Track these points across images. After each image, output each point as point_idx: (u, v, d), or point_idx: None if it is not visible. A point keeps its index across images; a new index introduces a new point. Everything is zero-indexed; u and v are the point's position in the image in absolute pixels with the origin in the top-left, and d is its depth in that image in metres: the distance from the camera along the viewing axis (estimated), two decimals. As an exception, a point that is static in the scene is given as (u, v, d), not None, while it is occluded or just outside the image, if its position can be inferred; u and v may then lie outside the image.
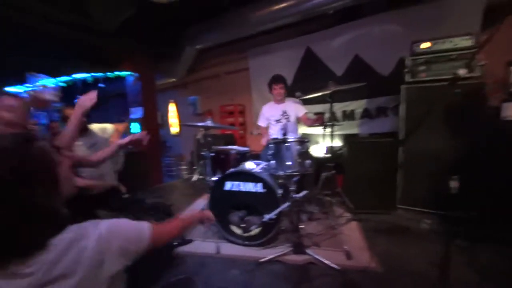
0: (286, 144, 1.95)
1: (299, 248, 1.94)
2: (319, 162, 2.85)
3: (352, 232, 2.36)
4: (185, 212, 3.07)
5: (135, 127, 5.05)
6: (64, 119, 2.43)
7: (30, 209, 0.56)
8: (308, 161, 2.03)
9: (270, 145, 2.11)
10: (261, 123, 3.24)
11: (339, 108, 3.87)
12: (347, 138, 3.55)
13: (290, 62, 4.27)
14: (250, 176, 2.08)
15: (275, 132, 3.03)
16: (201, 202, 3.39)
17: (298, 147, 1.99)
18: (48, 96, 1.24)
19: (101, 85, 5.12)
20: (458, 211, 1.62)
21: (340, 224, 2.45)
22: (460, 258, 1.85)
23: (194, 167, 5.02)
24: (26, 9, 3.13)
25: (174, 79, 5.67)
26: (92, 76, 5.05)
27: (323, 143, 2.90)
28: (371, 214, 2.75)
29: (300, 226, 1.97)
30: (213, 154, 2.68)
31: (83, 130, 2.41)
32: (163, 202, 2.58)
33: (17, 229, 0.55)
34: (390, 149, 2.81)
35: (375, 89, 3.62)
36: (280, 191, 2.04)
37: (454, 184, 1.25)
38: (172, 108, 6.64)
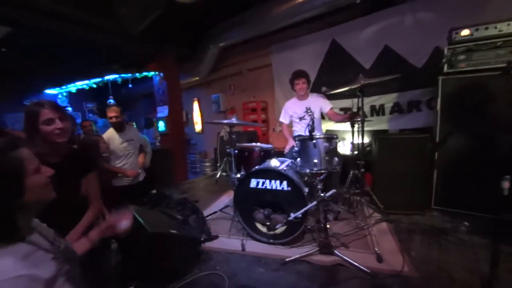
0: (313, 141, 1.89)
1: (326, 249, 1.88)
2: (346, 160, 2.74)
3: (382, 234, 2.24)
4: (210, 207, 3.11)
5: (161, 125, 5.23)
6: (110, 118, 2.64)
7: None
8: (336, 159, 1.95)
9: (296, 142, 2.05)
10: (283, 119, 3.13)
11: (367, 103, 3.68)
12: (376, 134, 3.37)
13: (315, 56, 4.14)
14: (275, 174, 2.05)
15: (298, 129, 2.95)
16: (226, 199, 3.42)
17: (325, 144, 1.92)
18: (124, 224, 1.13)
19: (129, 85, 5.35)
20: (506, 213, 1.46)
21: (369, 225, 2.34)
22: (504, 264, 1.67)
23: (218, 164, 5.09)
24: (59, 16, 3.33)
25: (197, 78, 5.78)
26: (121, 77, 5.29)
27: (349, 140, 2.78)
28: (403, 215, 2.61)
29: (327, 226, 1.89)
30: (237, 151, 2.68)
31: (121, 127, 2.67)
32: (189, 199, 2.64)
33: None
34: (424, 146, 2.62)
35: (407, 81, 3.39)
36: (306, 190, 1.99)
37: (505, 184, 1.12)
38: (196, 106, 6.79)
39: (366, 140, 3.66)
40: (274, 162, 2.23)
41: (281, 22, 4.01)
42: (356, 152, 2.65)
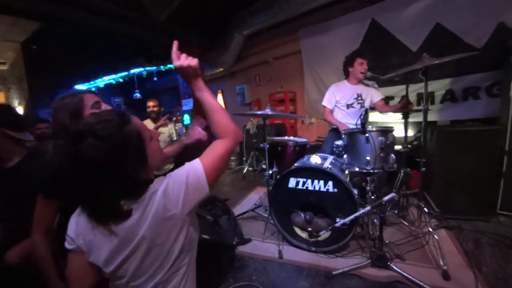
0: (366, 135, 1.59)
1: (380, 262, 1.60)
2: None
3: (443, 244, 1.90)
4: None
5: (186, 119, 5.13)
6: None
7: (119, 181, 0.63)
8: (393, 156, 1.64)
9: (343, 136, 1.76)
10: (328, 104, 2.66)
11: (413, 90, 3.23)
12: (432, 126, 2.93)
13: (351, 39, 3.71)
14: (319, 173, 1.78)
15: (340, 118, 2.59)
16: (255, 196, 3.22)
17: (381, 138, 1.61)
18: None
19: (154, 79, 5.30)
20: None
21: (425, 232, 2.01)
22: None
23: (244, 159, 4.90)
24: (84, 6, 3.26)
25: (221, 69, 5.57)
26: (146, 70, 5.24)
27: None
28: (463, 220, 2.23)
29: (381, 235, 1.61)
30: (268, 145, 2.44)
31: (157, 118, 2.94)
32: (218, 197, 2.46)
33: (107, 195, 0.63)
34: (490, 140, 2.21)
35: (463, 65, 2.93)
36: (355, 192, 1.70)
37: None
38: (219, 99, 6.62)
39: (410, 133, 3.26)
40: (314, 159, 1.95)
41: (312, 3, 3.64)
42: (400, 147, 2.28)
